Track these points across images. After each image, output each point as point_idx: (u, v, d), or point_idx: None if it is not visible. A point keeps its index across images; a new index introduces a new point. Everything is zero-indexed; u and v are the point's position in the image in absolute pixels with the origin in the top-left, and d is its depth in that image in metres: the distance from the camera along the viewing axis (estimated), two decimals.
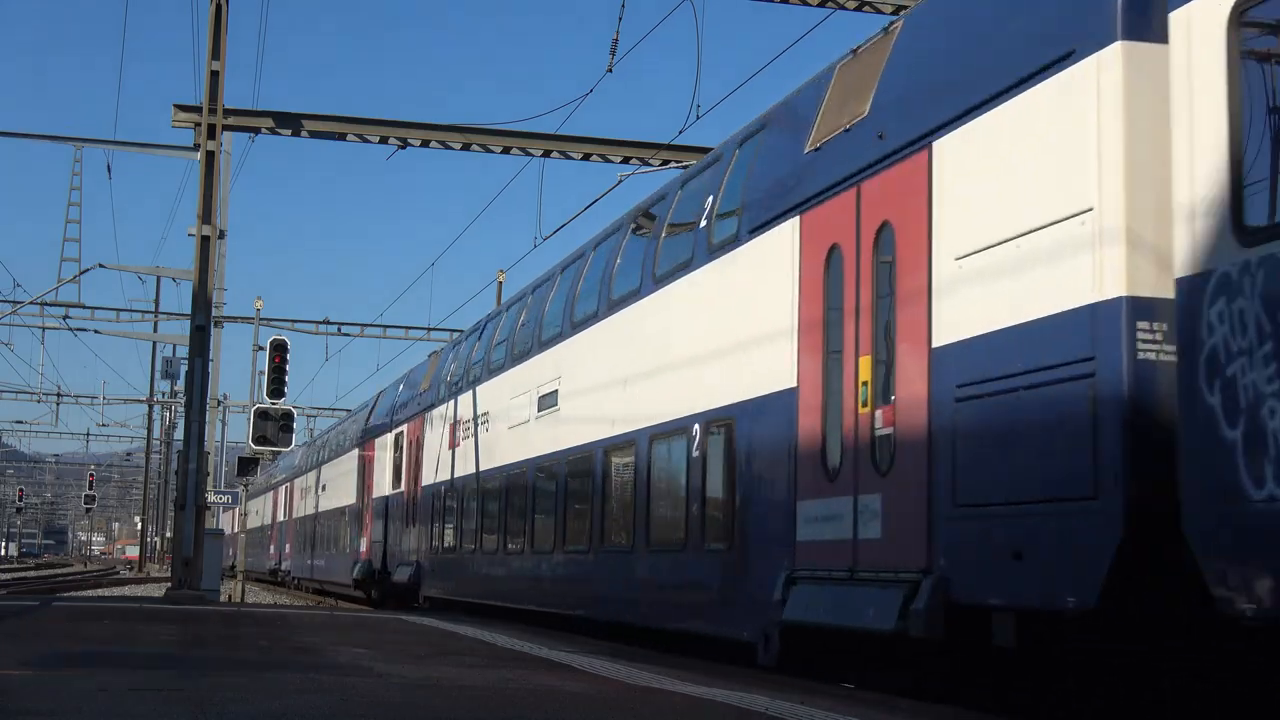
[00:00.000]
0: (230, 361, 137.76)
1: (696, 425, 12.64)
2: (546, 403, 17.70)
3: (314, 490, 41.01)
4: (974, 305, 8.43)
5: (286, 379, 29.97)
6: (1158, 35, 7.20)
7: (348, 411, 47.47)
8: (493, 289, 38.59)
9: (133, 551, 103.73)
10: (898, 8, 19.08)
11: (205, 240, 22.35)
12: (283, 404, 30.44)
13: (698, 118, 18.20)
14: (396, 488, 27.80)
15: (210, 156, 22.30)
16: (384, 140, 22.84)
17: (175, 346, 59.78)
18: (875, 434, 9.50)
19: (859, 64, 10.63)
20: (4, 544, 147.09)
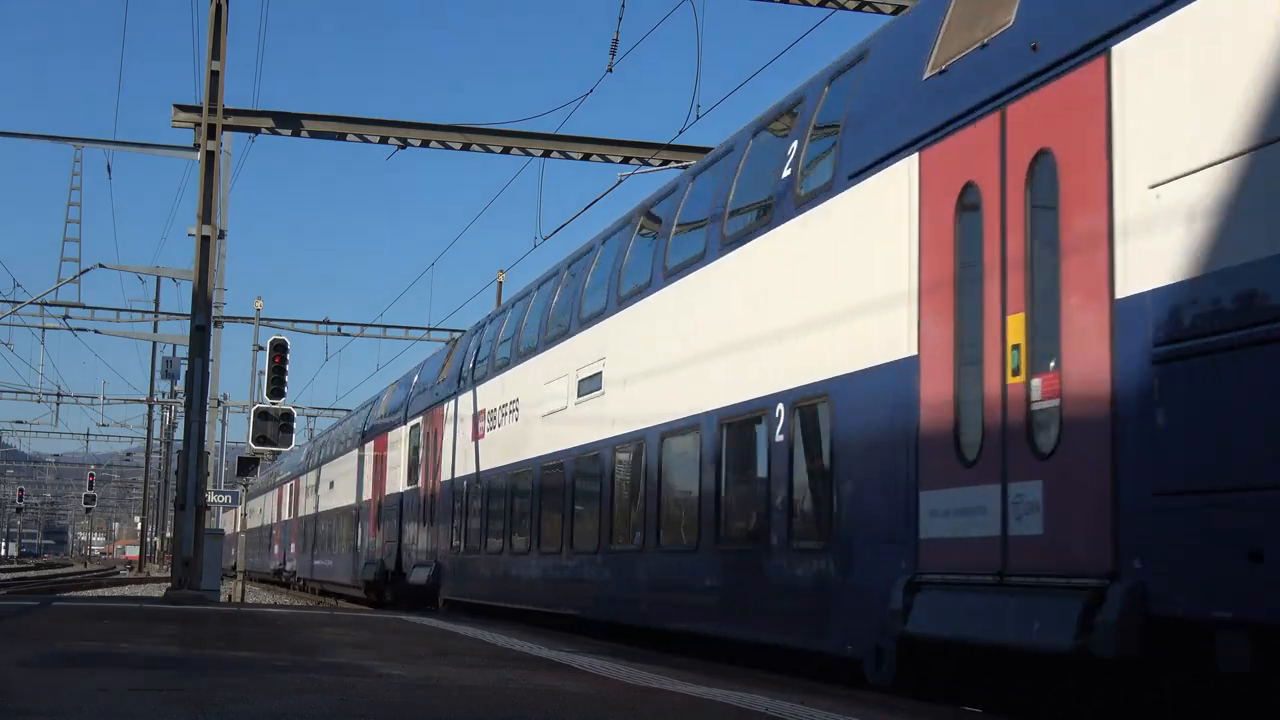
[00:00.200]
0: (230, 361, 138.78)
1: (780, 405, 10.90)
2: (588, 386, 15.96)
3: (319, 488, 39.65)
4: (1179, 243, 6.72)
5: (286, 379, 29.82)
6: None
7: (348, 411, 47.09)
8: (493, 289, 38.30)
9: (133, 551, 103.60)
10: (898, 7, 18.63)
11: (205, 240, 22.28)
12: (283, 404, 30.09)
13: (698, 118, 18.01)
14: (412, 483, 26.10)
15: (210, 156, 22.23)
16: (384, 140, 22.70)
17: (175, 346, 60.85)
18: (1031, 408, 7.76)
19: None
20: (4, 544, 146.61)
